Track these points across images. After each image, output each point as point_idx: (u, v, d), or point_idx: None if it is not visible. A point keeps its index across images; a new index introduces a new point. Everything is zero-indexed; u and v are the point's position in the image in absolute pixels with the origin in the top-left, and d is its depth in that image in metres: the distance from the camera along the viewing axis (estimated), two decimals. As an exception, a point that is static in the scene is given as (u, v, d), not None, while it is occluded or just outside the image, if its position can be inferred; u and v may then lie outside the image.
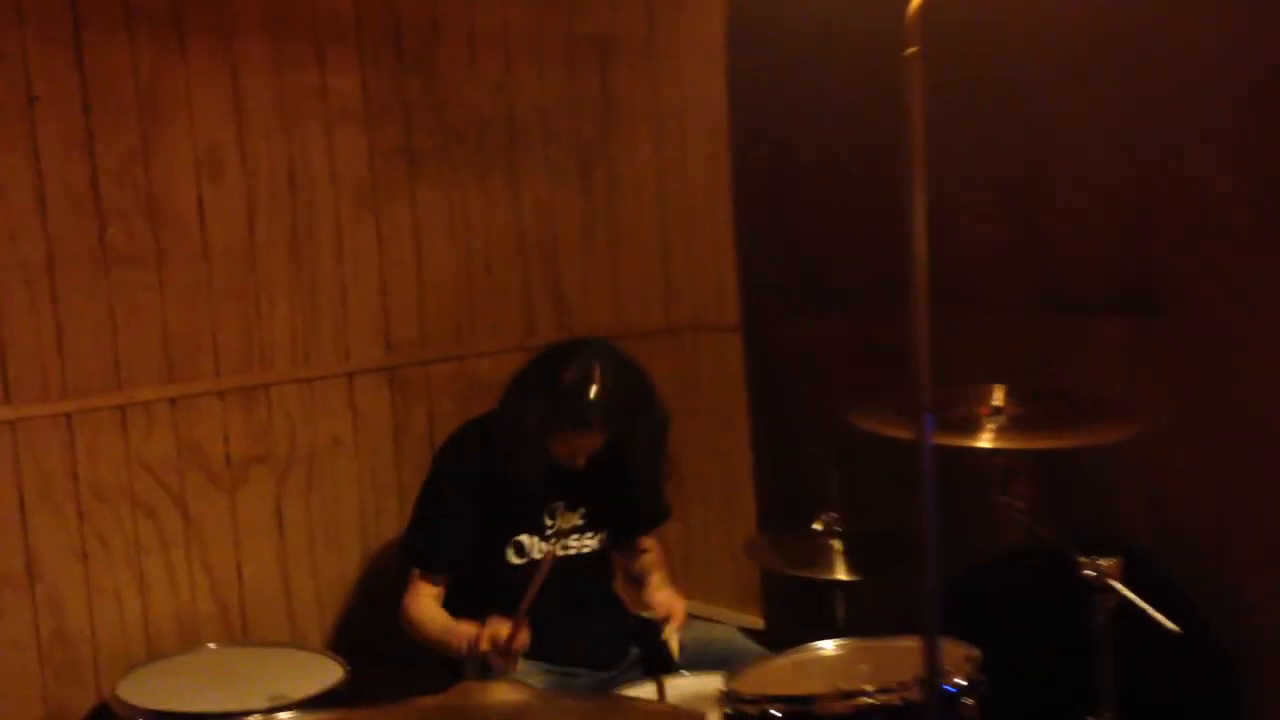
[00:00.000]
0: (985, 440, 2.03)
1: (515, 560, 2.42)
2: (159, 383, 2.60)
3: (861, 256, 2.98)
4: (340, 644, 2.77)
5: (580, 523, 2.46)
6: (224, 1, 2.61)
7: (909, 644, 1.94)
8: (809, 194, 3.12)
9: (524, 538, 2.43)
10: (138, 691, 2.31)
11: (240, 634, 2.71)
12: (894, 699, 1.72)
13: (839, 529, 2.39)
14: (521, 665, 2.23)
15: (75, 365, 2.49)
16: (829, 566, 2.32)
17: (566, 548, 2.45)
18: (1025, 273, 2.63)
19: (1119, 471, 2.45)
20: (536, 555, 2.41)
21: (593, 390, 2.30)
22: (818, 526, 2.40)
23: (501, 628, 2.18)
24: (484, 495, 2.42)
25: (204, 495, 2.67)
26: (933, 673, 1.37)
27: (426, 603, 2.39)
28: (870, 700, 1.73)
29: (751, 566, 3.19)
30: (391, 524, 2.92)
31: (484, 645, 2.20)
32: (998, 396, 2.13)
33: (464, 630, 2.27)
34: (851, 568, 2.31)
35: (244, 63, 2.65)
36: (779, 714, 1.75)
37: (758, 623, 3.25)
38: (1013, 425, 2.08)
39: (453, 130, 3.01)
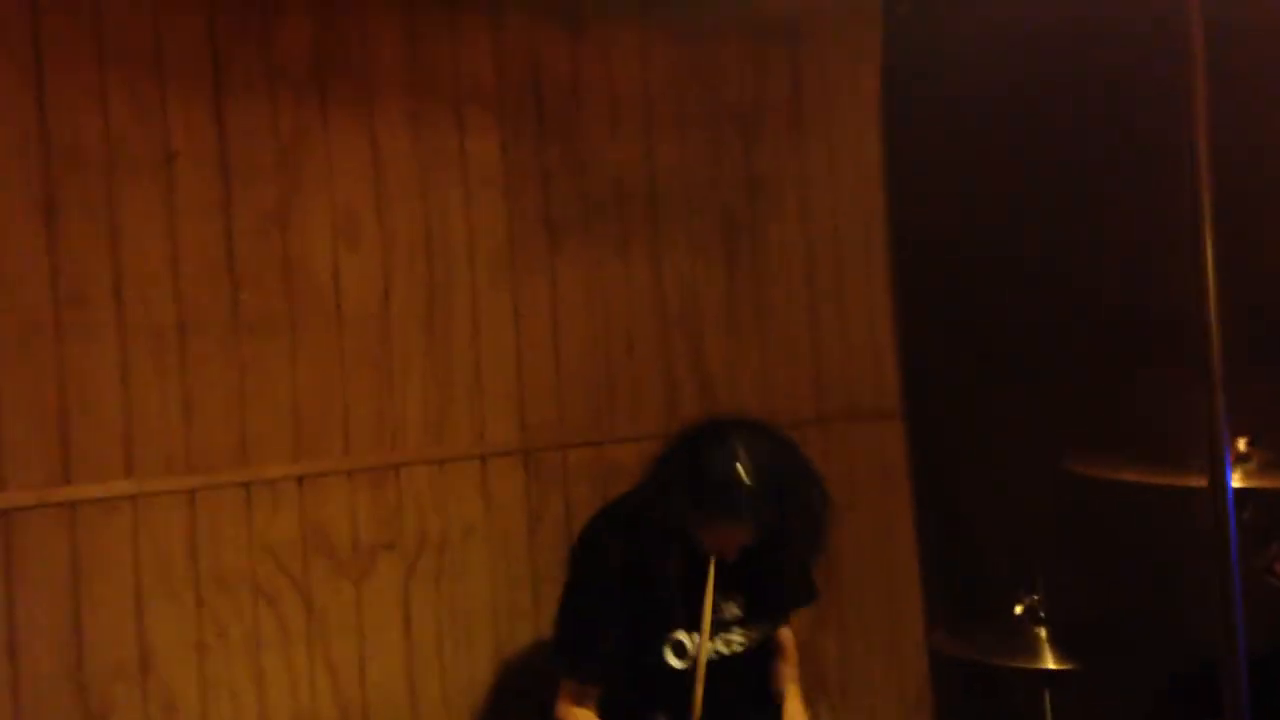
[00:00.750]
0: (1236, 480, 1.71)
1: (675, 664, 2.14)
2: (287, 459, 2.42)
3: (1037, 326, 2.72)
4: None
5: (740, 614, 2.18)
6: (365, 62, 2.52)
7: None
8: (976, 265, 2.88)
9: (683, 636, 2.16)
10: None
11: (362, 741, 2.46)
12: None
13: (1043, 614, 2.06)
14: None
15: (202, 437, 2.34)
16: (1036, 656, 1.99)
17: (729, 644, 2.17)
18: (1243, 318, 2.31)
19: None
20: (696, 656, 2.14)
21: (742, 480, 2.05)
22: (1018, 611, 2.08)
23: None
24: (632, 590, 2.17)
25: (329, 584, 2.46)
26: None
27: (581, 714, 2.12)
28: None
29: (919, 674, 2.84)
30: (525, 624, 2.68)
31: None
32: (1240, 444, 1.83)
33: None
34: (1063, 656, 1.98)
35: (383, 125, 2.54)
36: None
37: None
38: (1264, 469, 1.76)
39: (593, 199, 2.86)
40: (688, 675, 2.09)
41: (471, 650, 2.63)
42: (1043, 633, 2.07)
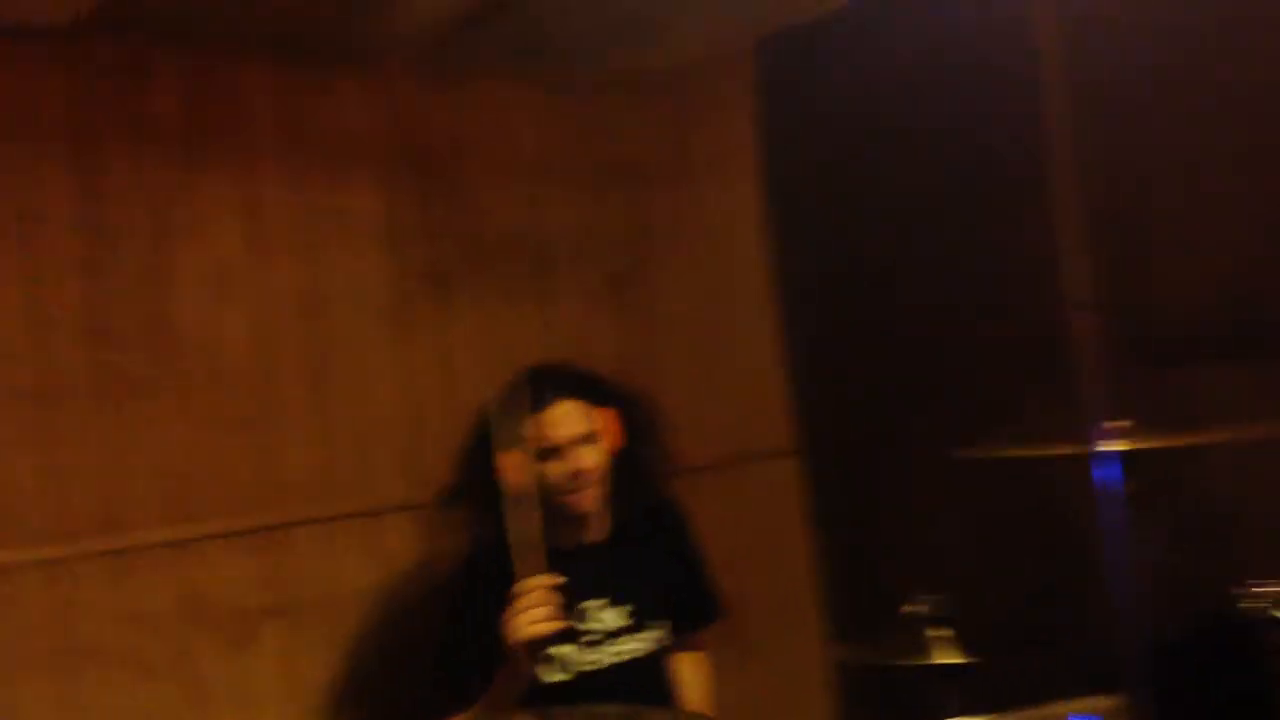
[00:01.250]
0: (1119, 445, 1.78)
1: (553, 679, 2.10)
2: (162, 524, 2.34)
3: (923, 347, 2.79)
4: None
5: (628, 621, 2.15)
6: (238, 119, 2.49)
7: (1046, 711, 1.68)
8: (864, 300, 2.94)
9: (557, 650, 2.12)
10: None
11: (252, 818, 2.34)
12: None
13: (944, 612, 2.08)
14: None
15: (72, 504, 2.25)
16: (938, 653, 2.01)
17: (619, 653, 2.16)
18: (1128, 320, 2.38)
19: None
20: (579, 668, 2.09)
21: (534, 373, 2.16)
22: (916, 611, 2.09)
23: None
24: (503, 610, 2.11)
25: (211, 653, 2.37)
26: None
27: None
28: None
29: (826, 689, 2.82)
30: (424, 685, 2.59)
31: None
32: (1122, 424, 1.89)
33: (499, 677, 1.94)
34: (966, 650, 2.00)
35: (259, 181, 2.51)
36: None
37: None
38: (1135, 432, 1.83)
39: (481, 253, 2.86)
40: (563, 691, 2.06)
41: (369, 717, 2.54)
42: (945, 631, 2.08)
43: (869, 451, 2.90)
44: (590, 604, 2.16)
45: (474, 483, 2.17)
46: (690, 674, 2.33)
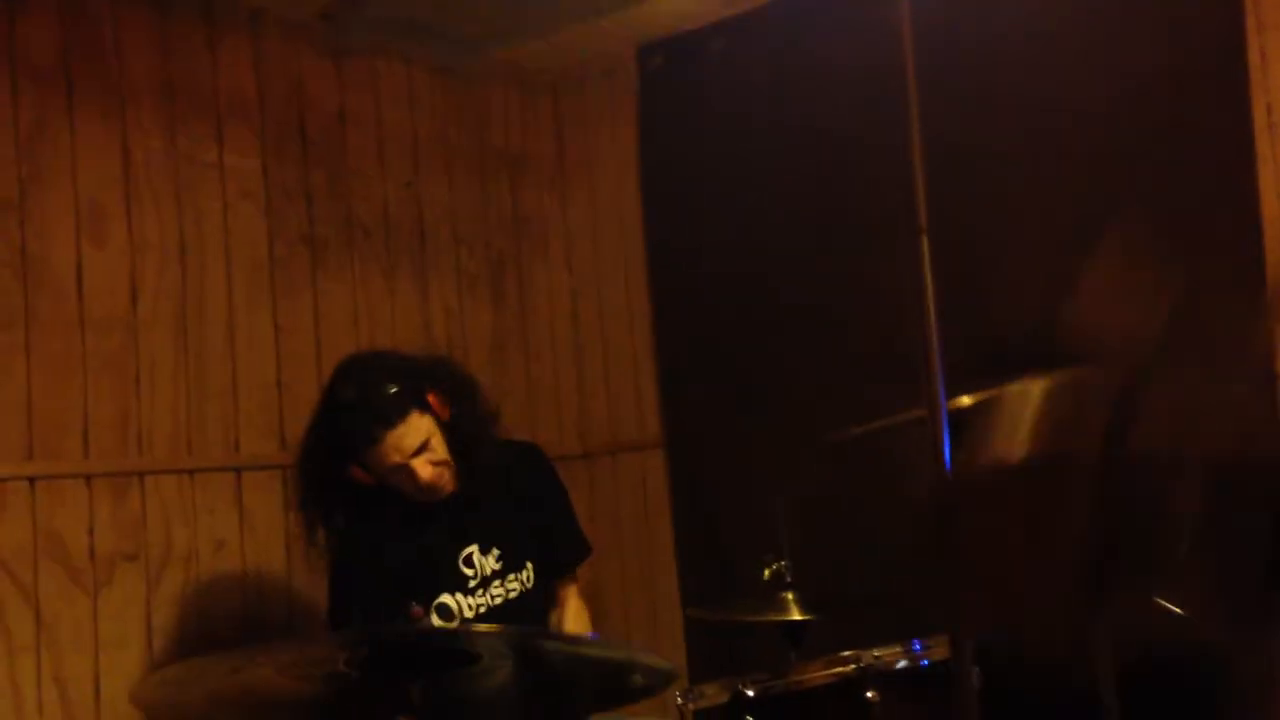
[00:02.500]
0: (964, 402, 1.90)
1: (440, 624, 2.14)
2: (18, 459, 2.30)
3: (786, 354, 2.91)
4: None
5: (498, 566, 2.19)
6: (117, 65, 2.51)
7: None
8: (734, 296, 3.05)
9: (447, 599, 2.17)
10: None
11: (92, 763, 2.28)
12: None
13: (789, 578, 2.18)
14: None
15: (-81, 430, 2.19)
16: (782, 611, 2.11)
17: (500, 594, 2.21)
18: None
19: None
20: (468, 614, 2.14)
21: (370, 388, 2.09)
22: (766, 576, 2.19)
23: None
24: (390, 565, 2.16)
25: (62, 594, 2.32)
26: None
27: None
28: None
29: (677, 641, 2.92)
30: (280, 641, 2.57)
31: None
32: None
33: None
34: (806, 609, 2.10)
35: (135, 127, 2.53)
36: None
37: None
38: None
39: (359, 224, 2.90)
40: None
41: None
42: (789, 595, 2.18)
43: (726, 439, 2.99)
44: (466, 551, 2.21)
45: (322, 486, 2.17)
46: (572, 612, 2.35)
